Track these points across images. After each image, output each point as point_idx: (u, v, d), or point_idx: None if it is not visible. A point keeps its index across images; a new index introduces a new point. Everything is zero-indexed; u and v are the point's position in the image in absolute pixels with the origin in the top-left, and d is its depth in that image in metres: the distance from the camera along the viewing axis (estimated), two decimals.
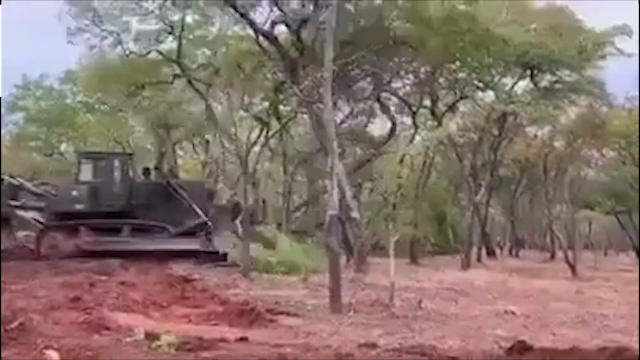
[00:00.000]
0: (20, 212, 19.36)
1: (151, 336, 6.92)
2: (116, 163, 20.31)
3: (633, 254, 34.89)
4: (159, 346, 6.56)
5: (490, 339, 8.23)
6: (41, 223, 19.19)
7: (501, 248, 37.31)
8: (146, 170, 21.11)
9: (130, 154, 22.66)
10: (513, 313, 10.87)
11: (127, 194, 19.49)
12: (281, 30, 19.46)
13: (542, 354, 6.22)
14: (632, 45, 22.80)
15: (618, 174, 33.18)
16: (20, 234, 19.31)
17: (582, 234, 34.62)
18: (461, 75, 23.63)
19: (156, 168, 22.65)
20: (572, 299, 13.32)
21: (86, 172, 20.06)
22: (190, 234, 17.81)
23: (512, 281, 16.85)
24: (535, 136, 30.13)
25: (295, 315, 9.79)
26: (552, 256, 30.33)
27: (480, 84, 24.43)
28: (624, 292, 14.99)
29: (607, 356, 5.91)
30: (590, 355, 6.02)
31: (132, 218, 18.97)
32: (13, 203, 19.27)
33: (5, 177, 19.55)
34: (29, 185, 20.28)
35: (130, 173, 20.11)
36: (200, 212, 17.97)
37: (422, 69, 22.73)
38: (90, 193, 19.14)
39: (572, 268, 20.21)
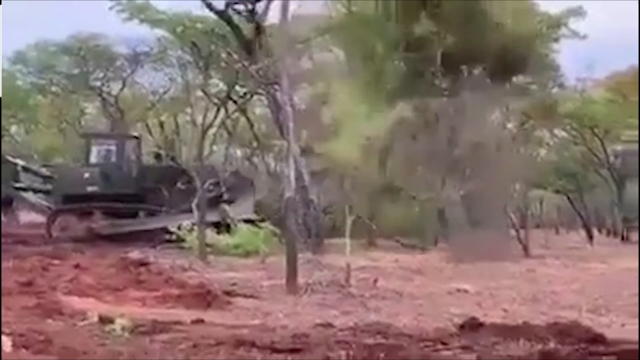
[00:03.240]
0: (24, 195, 18.88)
1: (105, 320, 6.85)
2: (127, 145, 20.07)
3: (583, 233, 35.77)
4: (113, 330, 6.49)
5: (444, 316, 8.38)
6: (48, 207, 18.79)
7: None
8: (157, 154, 20.93)
9: (138, 137, 22.40)
10: (466, 291, 11.07)
11: (139, 176, 19.27)
12: (238, 9, 19.25)
13: (493, 330, 6.34)
14: (585, 27, 23.23)
15: (569, 154, 33.94)
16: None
17: (534, 214, 35.32)
18: None
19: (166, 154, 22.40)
20: (523, 277, 13.59)
21: (97, 154, 19.71)
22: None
23: (466, 260, 17.09)
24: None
25: (252, 296, 9.82)
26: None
27: None
28: (574, 270, 15.37)
29: (557, 332, 6.05)
30: (540, 331, 6.16)
31: (144, 202, 18.76)
32: (16, 185, 18.77)
33: (7, 157, 19.05)
34: (34, 167, 19.82)
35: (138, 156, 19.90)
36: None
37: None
38: (103, 175, 18.80)
39: (524, 246, 20.62)
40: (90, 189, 18.79)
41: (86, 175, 19.05)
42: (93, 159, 19.85)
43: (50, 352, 5.29)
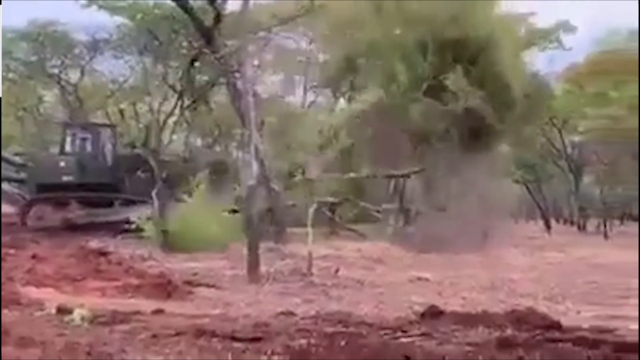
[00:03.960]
0: None
1: (63, 310, 6.76)
2: (103, 134, 19.72)
3: (541, 222, 36.44)
4: (72, 320, 6.41)
5: (404, 305, 8.46)
6: (22, 197, 18.36)
7: None
8: (132, 143, 20.58)
9: (114, 126, 22.04)
10: (427, 280, 11.20)
11: (114, 165, 18.94)
12: None
13: (452, 317, 6.43)
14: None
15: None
16: None
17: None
18: None
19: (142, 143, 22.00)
20: (483, 265, 13.79)
21: (73, 143, 19.33)
22: None
23: (426, 249, 17.26)
24: None
25: (214, 286, 9.79)
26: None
27: None
28: (532, 258, 15.65)
29: (514, 319, 6.16)
30: (498, 319, 6.26)
31: (119, 191, 18.46)
32: None
33: None
34: (7, 155, 19.33)
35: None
36: None
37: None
38: (79, 164, 18.44)
39: (484, 235, 20.88)
40: (65, 178, 18.50)
41: (62, 164, 18.74)
42: (68, 148, 19.55)
43: (6, 343, 5.19)
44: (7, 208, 19.34)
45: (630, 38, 30.35)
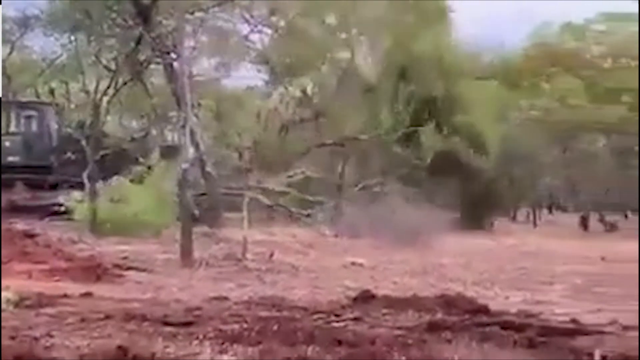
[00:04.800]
0: None
1: None
2: (48, 113, 18.91)
3: None
4: None
5: (338, 289, 8.53)
6: None
7: None
8: (79, 122, 19.82)
9: (58, 104, 21.21)
10: (361, 265, 11.31)
11: (60, 146, 18.21)
12: None
13: (384, 302, 6.50)
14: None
15: None
16: None
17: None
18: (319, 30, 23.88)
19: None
20: (415, 250, 14.00)
21: (17, 122, 18.48)
22: None
23: (361, 234, 17.42)
24: None
25: (145, 270, 9.63)
26: None
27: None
28: (461, 244, 15.98)
29: (443, 303, 6.28)
30: (428, 302, 6.36)
31: (66, 173, 17.76)
32: None
33: None
34: None
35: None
36: None
37: (282, 23, 22.67)
38: (25, 144, 17.64)
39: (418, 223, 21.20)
40: (11, 159, 17.80)
41: (7, 144, 18.02)
42: (13, 127, 18.83)
43: None
44: None
45: (562, 31, 31.29)
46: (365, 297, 6.78)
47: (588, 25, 30.93)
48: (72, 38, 20.56)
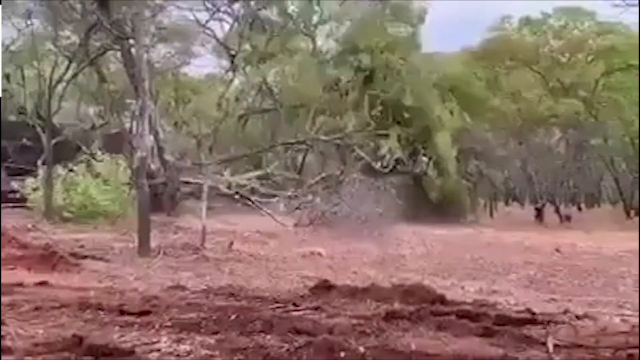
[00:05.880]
0: None
1: None
2: None
3: None
4: None
5: (297, 279, 8.54)
6: None
7: None
8: (21, 109, 19.30)
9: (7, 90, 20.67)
10: (320, 254, 11.34)
11: (15, 132, 17.79)
12: None
13: (343, 291, 6.54)
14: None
15: None
16: None
17: None
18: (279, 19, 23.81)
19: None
20: (374, 241, 14.08)
21: None
22: None
23: (320, 225, 17.46)
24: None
25: (101, 259, 9.52)
26: None
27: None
28: (421, 234, 16.12)
29: (401, 292, 6.33)
30: (386, 292, 6.41)
31: (6, 160, 17.34)
32: None
33: None
34: None
35: None
36: None
37: (241, 11, 22.48)
38: None
39: (377, 214, 21.32)
40: None
41: None
42: None
43: None
44: None
45: (520, 26, 31.68)
46: (324, 287, 6.80)
47: (546, 19, 31.39)
48: (28, 23, 20.08)
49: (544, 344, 4.46)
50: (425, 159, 22.97)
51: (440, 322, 4.97)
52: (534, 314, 5.59)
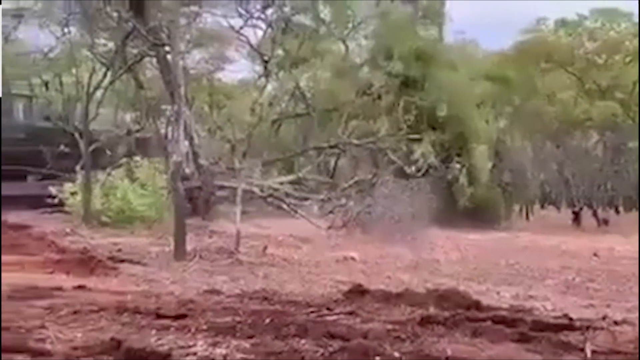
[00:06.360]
0: None
1: None
2: (17, 105, 18.88)
3: None
4: None
5: (330, 283, 8.54)
6: None
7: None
8: (47, 116, 19.78)
9: (30, 97, 21.18)
10: (353, 259, 11.32)
11: (28, 138, 18.20)
12: None
13: (377, 296, 6.53)
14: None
15: None
16: None
17: None
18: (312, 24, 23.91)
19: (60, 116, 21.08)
20: (408, 246, 14.00)
21: None
22: None
23: (353, 229, 17.43)
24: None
25: (138, 263, 9.63)
26: None
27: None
28: (455, 239, 16.01)
29: (436, 297, 6.30)
30: (420, 297, 6.39)
31: (34, 165, 17.75)
32: None
33: None
34: None
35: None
36: None
37: (274, 16, 22.61)
38: None
39: (411, 217, 21.21)
40: None
41: None
42: None
43: None
44: None
45: (556, 28, 31.33)
46: (358, 292, 6.81)
47: (582, 21, 30.99)
48: (67, 31, 20.44)
49: (582, 350, 4.41)
50: (458, 165, 22.80)
51: (476, 328, 4.94)
52: (571, 319, 5.53)
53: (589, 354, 4.31)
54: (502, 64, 29.22)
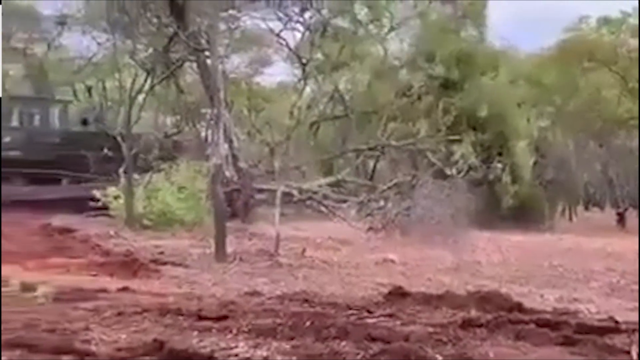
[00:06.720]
0: None
1: (27, 287, 6.69)
2: (52, 109, 19.35)
3: None
4: (35, 297, 6.35)
5: (370, 285, 8.52)
6: None
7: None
8: (84, 120, 20.21)
9: (66, 102, 21.70)
10: (392, 261, 11.27)
11: (63, 142, 18.64)
12: None
13: (417, 298, 6.49)
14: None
15: None
16: None
17: None
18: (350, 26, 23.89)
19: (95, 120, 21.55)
20: (448, 248, 13.89)
21: (20, 118, 18.99)
22: None
23: (393, 231, 17.36)
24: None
25: (180, 265, 9.75)
26: None
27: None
28: (496, 241, 15.82)
29: (477, 299, 6.24)
30: (462, 300, 6.34)
31: (68, 169, 18.16)
32: None
33: None
34: None
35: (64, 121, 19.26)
36: None
37: (312, 20, 22.67)
38: (25, 140, 18.08)
39: (451, 218, 21.03)
40: (12, 153, 18.21)
41: (7, 139, 18.42)
42: (15, 122, 19.27)
43: None
44: None
45: (599, 26, 30.78)
46: (398, 294, 6.78)
47: (625, 18, 30.38)
48: (109, 37, 20.82)
49: (628, 353, 4.32)
50: (499, 165, 22.54)
51: (519, 331, 4.88)
52: (617, 322, 5.42)
53: (634, 357, 4.23)
54: (543, 64, 28.83)
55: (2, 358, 4.08)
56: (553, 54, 29.56)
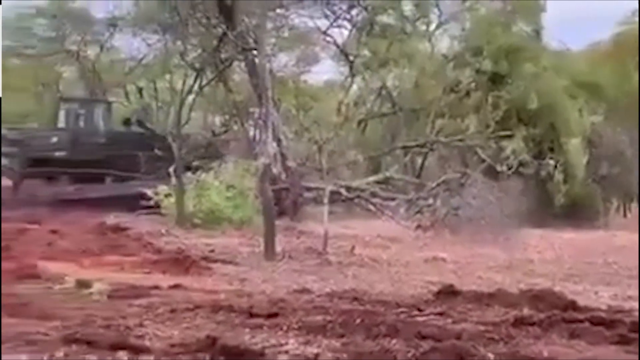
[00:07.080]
0: None
1: (82, 284, 6.85)
2: (97, 110, 19.83)
3: None
4: (91, 294, 6.50)
5: (420, 283, 8.47)
6: (13, 171, 18.51)
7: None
8: (127, 120, 20.67)
9: (110, 102, 22.20)
10: (443, 259, 11.18)
11: (108, 142, 19.11)
12: None
13: (468, 296, 6.44)
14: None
15: None
16: None
17: None
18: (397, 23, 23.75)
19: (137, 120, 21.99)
20: (499, 246, 13.71)
21: (66, 118, 19.51)
22: None
23: (442, 229, 17.21)
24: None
25: (230, 262, 9.85)
26: None
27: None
28: (549, 238, 15.56)
29: (530, 298, 6.16)
30: (514, 298, 6.26)
31: (112, 168, 18.61)
32: None
33: None
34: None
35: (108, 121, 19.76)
36: None
37: (359, 17, 22.64)
38: (71, 140, 18.59)
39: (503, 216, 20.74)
40: (58, 153, 18.65)
41: (54, 139, 18.86)
42: (61, 123, 19.69)
43: (26, 315, 5.28)
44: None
45: None
46: (449, 292, 6.73)
47: None
48: (159, 38, 21.15)
49: None
50: (552, 161, 22.12)
51: (573, 329, 4.80)
52: None
53: None
54: (596, 59, 28.18)
55: (61, 353, 4.18)
56: (607, 48, 28.89)
